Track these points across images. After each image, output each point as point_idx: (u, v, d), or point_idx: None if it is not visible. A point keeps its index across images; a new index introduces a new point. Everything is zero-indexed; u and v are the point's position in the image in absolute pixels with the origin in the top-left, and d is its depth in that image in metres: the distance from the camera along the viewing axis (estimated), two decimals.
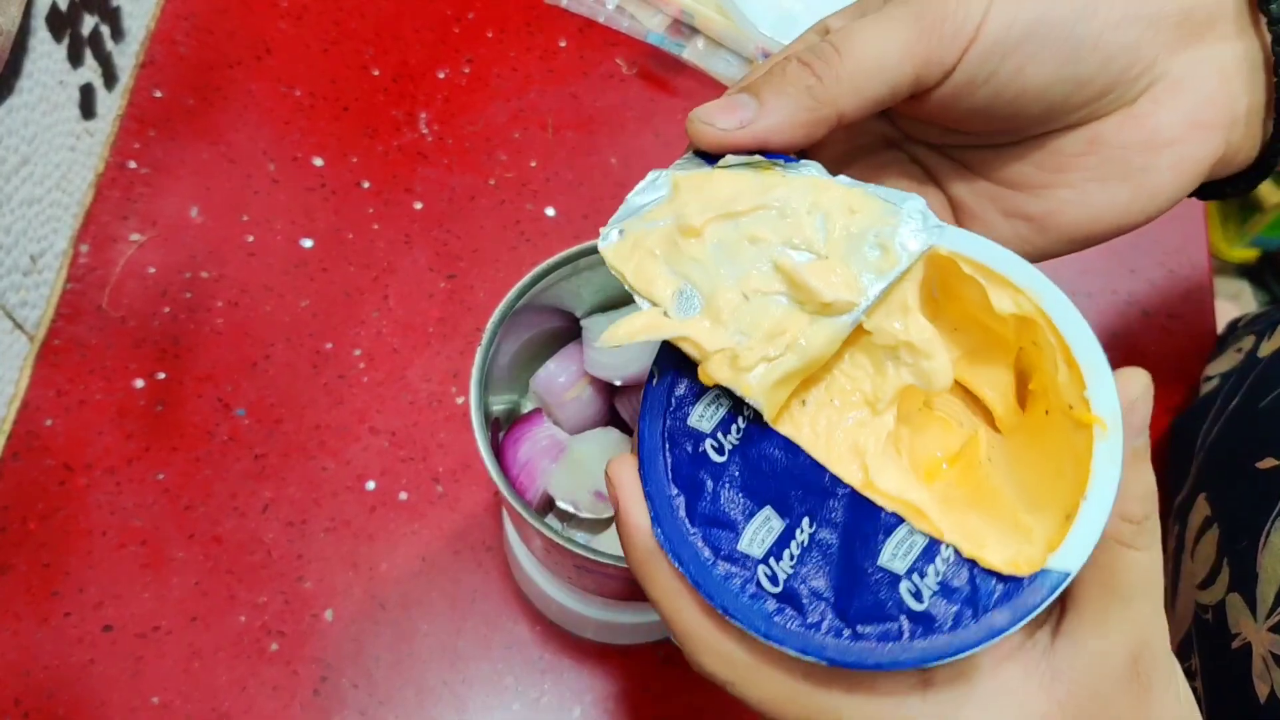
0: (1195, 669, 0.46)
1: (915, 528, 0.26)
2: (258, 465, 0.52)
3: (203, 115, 0.60)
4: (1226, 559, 0.44)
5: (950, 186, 0.32)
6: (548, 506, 0.43)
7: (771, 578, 0.25)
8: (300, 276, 0.57)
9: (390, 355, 0.55)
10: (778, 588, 0.25)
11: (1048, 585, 0.24)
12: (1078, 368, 0.25)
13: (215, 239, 0.57)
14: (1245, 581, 0.42)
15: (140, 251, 0.56)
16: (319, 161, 0.60)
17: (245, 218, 0.58)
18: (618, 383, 0.41)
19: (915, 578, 0.25)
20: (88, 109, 0.56)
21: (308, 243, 0.58)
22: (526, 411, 0.43)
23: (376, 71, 0.63)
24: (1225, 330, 0.60)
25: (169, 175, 0.58)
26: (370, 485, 0.52)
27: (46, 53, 0.52)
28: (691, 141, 0.28)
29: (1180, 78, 0.29)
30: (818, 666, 0.25)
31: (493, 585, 0.51)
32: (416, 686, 0.49)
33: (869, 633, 0.25)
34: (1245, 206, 1.33)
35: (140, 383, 0.54)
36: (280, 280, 0.56)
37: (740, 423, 0.27)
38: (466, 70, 0.63)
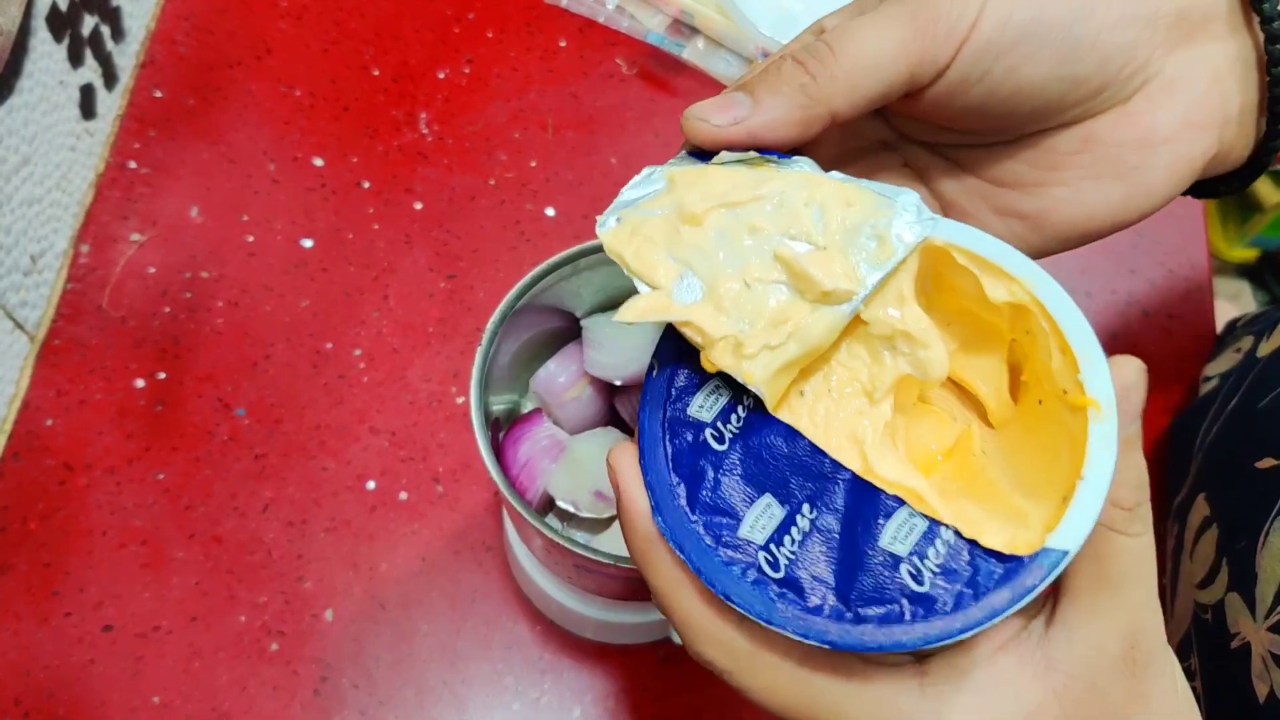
0: (1194, 669, 0.46)
1: (916, 510, 0.26)
2: (258, 465, 0.52)
3: (203, 115, 0.60)
4: (1226, 559, 0.44)
5: (943, 185, 0.32)
6: (548, 506, 0.43)
7: (773, 563, 0.25)
8: (300, 276, 0.57)
9: (390, 355, 0.55)
10: (779, 573, 0.25)
11: (1047, 564, 0.24)
12: (1072, 354, 0.25)
13: (215, 239, 0.57)
14: (1244, 581, 0.42)
15: (140, 251, 0.56)
16: (319, 161, 0.60)
17: (245, 218, 0.58)
18: (618, 383, 0.41)
19: (916, 560, 0.25)
20: (88, 109, 0.56)
21: (308, 243, 0.58)
22: (526, 411, 0.43)
23: (377, 71, 0.63)
24: (1224, 330, 0.60)
25: (169, 175, 0.58)
26: (370, 485, 0.52)
27: (47, 53, 0.52)
28: (686, 138, 0.28)
29: (1174, 77, 0.29)
30: (816, 654, 0.25)
31: (493, 585, 0.51)
32: (416, 686, 0.49)
33: (870, 615, 0.25)
34: (1245, 206, 1.33)
35: (140, 383, 0.54)
36: (280, 280, 0.57)
37: (741, 411, 0.27)
38: (466, 70, 0.63)
